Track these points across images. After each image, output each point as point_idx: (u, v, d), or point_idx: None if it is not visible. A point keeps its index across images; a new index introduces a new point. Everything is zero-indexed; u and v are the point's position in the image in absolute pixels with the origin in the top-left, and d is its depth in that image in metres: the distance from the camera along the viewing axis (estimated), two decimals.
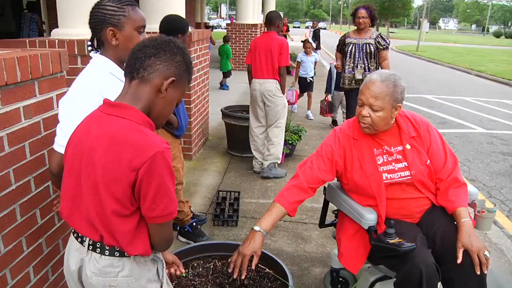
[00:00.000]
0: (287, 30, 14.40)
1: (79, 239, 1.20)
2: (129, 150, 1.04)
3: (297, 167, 2.03)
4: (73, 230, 1.24)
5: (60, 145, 1.41)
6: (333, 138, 1.98)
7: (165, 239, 1.18)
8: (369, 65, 4.66)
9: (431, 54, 21.80)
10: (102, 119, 1.11)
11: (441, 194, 1.92)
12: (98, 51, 1.56)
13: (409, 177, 1.87)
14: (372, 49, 4.58)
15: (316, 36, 13.25)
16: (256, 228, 1.81)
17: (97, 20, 1.48)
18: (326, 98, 6.18)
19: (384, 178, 1.87)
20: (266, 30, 4.19)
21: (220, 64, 9.15)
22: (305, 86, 7.02)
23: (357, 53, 4.62)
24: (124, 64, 1.59)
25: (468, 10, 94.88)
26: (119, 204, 1.08)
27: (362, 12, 4.53)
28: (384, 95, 1.80)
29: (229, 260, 1.76)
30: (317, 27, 14.12)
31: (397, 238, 1.72)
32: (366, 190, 1.90)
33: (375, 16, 4.60)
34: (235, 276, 1.72)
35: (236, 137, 4.79)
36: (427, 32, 40.86)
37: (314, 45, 6.99)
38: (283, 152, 4.63)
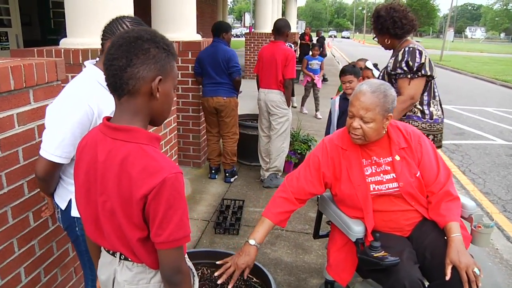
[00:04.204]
0: (310, 40, 13.93)
1: (111, 252, 1.20)
2: (138, 178, 1.02)
3: (285, 178, 2.03)
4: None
5: (46, 151, 1.46)
6: (321, 149, 1.97)
7: (172, 268, 1.10)
8: None
9: (455, 63, 21.34)
10: (108, 145, 1.08)
11: (433, 208, 1.88)
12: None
13: (397, 189, 1.84)
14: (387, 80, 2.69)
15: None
16: (251, 242, 1.85)
17: (108, 30, 1.55)
18: None
19: (371, 189, 1.85)
20: (273, 39, 4.16)
21: None
22: None
23: None
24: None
25: (496, 18, 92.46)
26: (139, 230, 1.08)
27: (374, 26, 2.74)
28: (374, 106, 1.78)
29: (223, 267, 1.79)
30: (321, 35, 13.25)
31: (382, 252, 1.70)
32: (353, 201, 1.88)
33: (382, 26, 2.64)
34: (219, 282, 1.74)
35: (246, 146, 4.81)
36: (452, 41, 40.11)
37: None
38: (291, 162, 4.63)
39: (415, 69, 2.52)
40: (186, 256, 1.32)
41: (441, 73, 18.19)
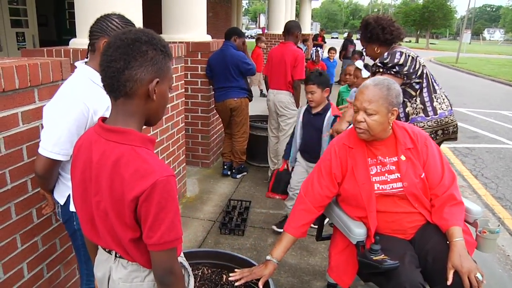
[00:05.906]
0: (323, 41, 13.96)
1: (107, 250, 1.22)
2: (130, 180, 1.03)
3: (300, 188, 2.05)
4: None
5: (44, 148, 1.49)
6: (330, 151, 1.98)
7: (164, 269, 1.11)
8: None
9: (471, 66, 20.98)
10: (102, 145, 1.09)
11: (436, 212, 1.86)
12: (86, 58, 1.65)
13: (401, 189, 1.83)
14: None
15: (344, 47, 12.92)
16: (268, 257, 1.94)
17: (98, 28, 1.58)
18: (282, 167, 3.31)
19: (375, 188, 1.84)
20: (283, 39, 4.17)
21: None
22: None
23: None
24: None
25: None
26: (131, 230, 1.09)
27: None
28: (377, 98, 1.79)
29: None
30: (350, 37, 13.31)
31: (382, 255, 1.68)
32: (357, 200, 1.88)
33: (371, 33, 2.63)
34: (231, 279, 1.83)
35: (255, 147, 4.81)
36: (469, 43, 39.44)
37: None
38: None
39: (389, 65, 2.48)
40: (182, 255, 1.33)
41: (457, 75, 17.93)
